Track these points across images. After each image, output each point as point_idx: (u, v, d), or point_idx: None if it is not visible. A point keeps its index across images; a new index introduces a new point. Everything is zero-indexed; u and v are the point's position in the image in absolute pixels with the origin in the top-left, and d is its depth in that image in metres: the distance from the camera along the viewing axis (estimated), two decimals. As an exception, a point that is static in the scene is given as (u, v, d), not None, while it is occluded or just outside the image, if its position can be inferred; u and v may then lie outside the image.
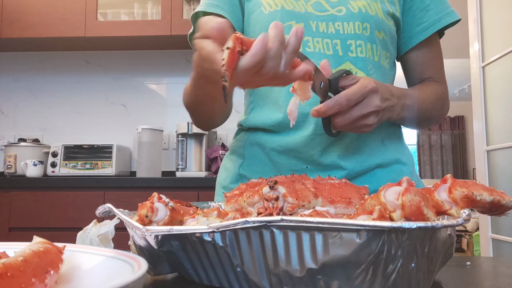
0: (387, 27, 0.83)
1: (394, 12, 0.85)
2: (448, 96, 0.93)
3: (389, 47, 0.85)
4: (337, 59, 0.80)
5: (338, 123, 0.68)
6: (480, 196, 0.44)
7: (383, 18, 0.82)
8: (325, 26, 0.81)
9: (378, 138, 0.84)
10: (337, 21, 0.81)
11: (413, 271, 0.38)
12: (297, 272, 0.39)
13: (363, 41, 0.80)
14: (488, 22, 2.34)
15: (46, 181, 2.11)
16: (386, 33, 0.83)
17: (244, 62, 0.51)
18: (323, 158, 0.79)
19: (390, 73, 0.87)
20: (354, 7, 0.81)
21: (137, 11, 2.55)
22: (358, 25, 0.80)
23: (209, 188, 2.05)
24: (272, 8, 0.82)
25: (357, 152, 0.81)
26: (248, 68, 0.51)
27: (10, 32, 2.43)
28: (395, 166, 0.84)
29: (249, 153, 0.86)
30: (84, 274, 0.43)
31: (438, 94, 0.87)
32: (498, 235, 2.25)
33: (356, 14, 0.80)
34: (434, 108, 0.86)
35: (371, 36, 0.81)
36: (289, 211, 0.50)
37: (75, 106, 2.74)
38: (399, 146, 0.88)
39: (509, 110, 2.18)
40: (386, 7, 0.83)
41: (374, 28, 0.81)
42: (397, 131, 0.89)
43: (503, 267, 0.61)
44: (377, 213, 0.37)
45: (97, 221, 0.58)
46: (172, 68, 2.74)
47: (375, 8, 0.81)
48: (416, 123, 0.86)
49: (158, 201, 0.49)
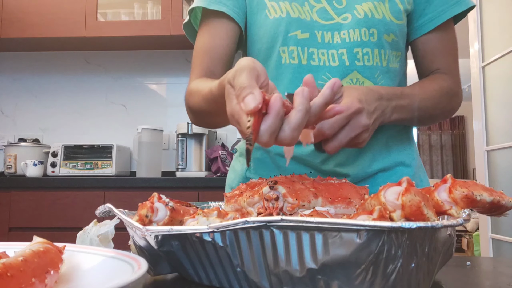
0: (397, 26, 0.79)
1: (406, 6, 0.80)
2: (460, 90, 0.86)
3: (400, 46, 0.82)
4: (343, 69, 0.78)
5: (328, 149, 0.63)
6: (480, 196, 0.44)
7: (392, 19, 0.79)
8: (330, 36, 0.78)
9: (382, 140, 0.83)
10: (342, 29, 0.78)
11: (413, 271, 0.38)
12: (297, 272, 0.39)
13: (370, 48, 0.78)
14: (488, 22, 2.34)
15: (46, 181, 2.11)
16: (396, 34, 0.80)
17: (264, 129, 0.45)
18: (324, 166, 0.80)
19: (400, 72, 0.84)
20: (360, 12, 0.78)
21: (137, 11, 2.55)
22: (365, 32, 0.78)
23: (209, 188, 2.05)
24: (277, 14, 0.79)
25: (358, 160, 0.81)
26: (268, 135, 0.46)
27: (10, 32, 2.43)
28: (397, 169, 0.83)
29: (256, 156, 0.87)
30: (84, 274, 0.43)
31: (444, 90, 0.81)
32: (498, 235, 2.25)
33: (362, 20, 0.77)
34: (437, 106, 0.81)
35: (378, 41, 0.78)
36: (289, 211, 0.50)
37: (75, 106, 2.74)
38: (405, 147, 0.86)
39: (509, 110, 2.18)
40: (395, 6, 0.79)
41: (382, 33, 0.78)
42: (404, 130, 0.87)
43: (503, 267, 0.61)
44: (377, 213, 0.37)
45: (97, 221, 0.58)
46: (172, 68, 2.74)
47: (381, 10, 0.78)
48: (415, 123, 0.82)
49: (158, 201, 0.49)
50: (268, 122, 0.44)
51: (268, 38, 0.81)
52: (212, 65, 0.83)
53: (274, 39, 0.80)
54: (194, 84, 0.80)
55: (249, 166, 0.52)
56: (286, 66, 0.80)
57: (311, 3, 0.79)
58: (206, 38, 0.85)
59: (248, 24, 0.85)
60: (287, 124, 0.46)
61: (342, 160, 0.80)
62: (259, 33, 0.82)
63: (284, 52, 0.80)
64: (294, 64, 0.79)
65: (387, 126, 0.82)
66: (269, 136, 0.45)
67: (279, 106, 0.44)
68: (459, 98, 0.86)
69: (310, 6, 0.79)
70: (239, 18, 0.83)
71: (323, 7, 0.79)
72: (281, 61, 0.80)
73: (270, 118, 0.45)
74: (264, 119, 0.45)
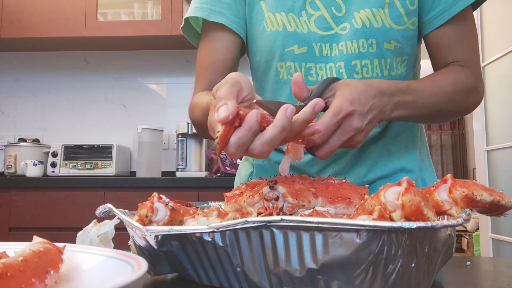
0: (399, 32, 0.75)
1: (409, 8, 0.74)
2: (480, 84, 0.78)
3: (405, 51, 0.77)
4: None
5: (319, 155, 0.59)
6: (480, 196, 0.44)
7: (392, 25, 0.74)
8: (328, 49, 0.76)
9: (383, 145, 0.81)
10: (340, 41, 0.76)
11: (413, 271, 0.38)
12: (297, 272, 0.39)
13: (369, 60, 0.75)
14: (488, 22, 2.34)
15: (46, 181, 2.11)
16: (399, 39, 0.75)
17: (233, 141, 0.46)
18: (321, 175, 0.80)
19: (408, 75, 0.80)
20: (358, 21, 0.74)
21: (137, 11, 2.55)
22: (363, 43, 0.74)
23: (209, 188, 2.05)
24: (273, 27, 0.78)
25: (356, 168, 0.80)
26: (236, 148, 0.46)
27: (10, 32, 2.43)
28: (398, 175, 0.81)
29: (257, 163, 0.89)
30: (84, 274, 0.43)
31: (458, 85, 0.74)
32: (498, 235, 2.25)
33: (359, 30, 0.74)
34: (450, 102, 0.73)
35: (378, 51, 0.75)
36: (289, 211, 0.50)
37: (75, 106, 2.74)
38: (407, 152, 0.83)
39: (509, 110, 2.18)
40: (396, 10, 0.74)
41: (381, 41, 0.74)
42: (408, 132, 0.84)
43: (503, 267, 0.61)
44: (377, 213, 0.37)
45: (97, 221, 0.58)
46: (172, 68, 2.74)
47: (381, 17, 0.74)
48: (422, 120, 0.76)
49: (158, 201, 0.49)
50: (238, 135, 0.45)
51: (266, 52, 0.80)
52: (214, 78, 0.82)
53: (271, 53, 0.79)
54: (196, 98, 0.81)
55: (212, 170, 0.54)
56: (284, 82, 0.80)
57: (309, 11, 0.77)
58: (207, 52, 0.84)
59: (248, 34, 0.84)
60: (259, 138, 0.46)
61: (336, 171, 0.80)
62: (258, 45, 0.81)
63: (282, 67, 0.79)
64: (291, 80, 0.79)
65: (389, 130, 0.81)
66: (236, 148, 0.46)
67: (253, 121, 0.45)
68: (479, 94, 0.78)
69: (308, 15, 0.76)
70: (239, 28, 0.82)
71: (322, 15, 0.76)
72: (279, 76, 0.80)
73: (241, 131, 0.45)
74: (236, 131, 0.45)
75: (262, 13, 0.79)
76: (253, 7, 0.81)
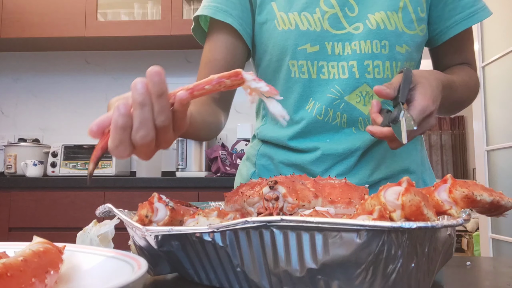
0: (410, 37, 0.77)
1: (419, 15, 0.78)
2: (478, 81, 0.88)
3: (413, 56, 0.80)
4: (353, 82, 0.77)
5: (394, 147, 0.66)
6: (480, 196, 0.44)
7: (404, 29, 0.77)
8: (341, 48, 0.77)
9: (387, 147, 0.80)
10: (353, 40, 0.77)
11: (413, 271, 0.38)
12: (297, 272, 0.39)
13: (381, 61, 0.77)
14: (488, 22, 2.34)
15: (46, 181, 2.11)
16: (410, 44, 0.78)
17: (110, 147, 0.47)
18: (325, 175, 0.80)
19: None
20: (372, 22, 0.76)
21: (137, 11, 2.55)
22: (376, 44, 0.76)
23: (209, 188, 2.05)
24: (286, 26, 0.78)
25: (360, 169, 0.81)
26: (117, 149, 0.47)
27: (10, 32, 2.43)
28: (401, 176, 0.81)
29: (260, 163, 0.88)
30: (84, 274, 0.43)
31: (473, 79, 0.83)
32: (498, 235, 2.25)
33: (374, 31, 0.76)
34: (469, 94, 0.83)
35: (390, 53, 0.77)
36: (289, 211, 0.50)
37: (75, 106, 2.74)
38: (411, 152, 0.84)
39: (509, 110, 2.18)
40: (408, 15, 0.77)
41: (394, 44, 0.76)
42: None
43: (503, 267, 0.61)
44: (377, 213, 0.37)
45: (97, 221, 0.58)
46: (172, 68, 2.74)
47: (394, 20, 0.76)
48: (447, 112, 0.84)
49: (158, 201, 0.49)
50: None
51: (277, 51, 0.80)
52: None
53: (283, 52, 0.79)
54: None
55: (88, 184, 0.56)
56: (295, 80, 0.80)
57: (323, 8, 0.78)
58: (207, 50, 0.86)
59: (256, 34, 0.85)
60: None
61: (342, 171, 0.80)
62: (268, 44, 0.82)
63: (294, 66, 0.79)
64: (304, 78, 0.79)
65: None
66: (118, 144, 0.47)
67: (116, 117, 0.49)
68: (478, 88, 0.87)
69: (322, 12, 0.77)
70: (243, 30, 0.83)
71: (335, 13, 0.78)
72: (290, 75, 0.80)
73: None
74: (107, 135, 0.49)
75: (273, 13, 0.80)
76: (263, 9, 0.82)
